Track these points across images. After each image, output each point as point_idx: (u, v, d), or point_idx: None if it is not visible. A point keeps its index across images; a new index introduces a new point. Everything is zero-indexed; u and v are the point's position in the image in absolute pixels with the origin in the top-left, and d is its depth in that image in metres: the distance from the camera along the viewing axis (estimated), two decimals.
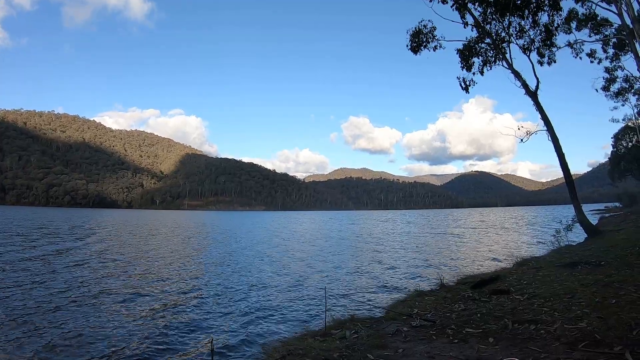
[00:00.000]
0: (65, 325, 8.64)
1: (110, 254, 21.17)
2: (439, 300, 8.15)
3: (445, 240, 30.80)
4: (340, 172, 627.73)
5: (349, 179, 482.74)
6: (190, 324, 9.00)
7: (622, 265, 9.01)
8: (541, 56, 20.43)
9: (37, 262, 17.40)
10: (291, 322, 9.30)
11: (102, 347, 7.38)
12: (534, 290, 7.72)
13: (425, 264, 18.36)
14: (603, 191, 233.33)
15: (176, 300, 11.31)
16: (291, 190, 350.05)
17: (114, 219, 76.12)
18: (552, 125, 18.33)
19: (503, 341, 5.10)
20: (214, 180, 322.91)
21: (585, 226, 18.19)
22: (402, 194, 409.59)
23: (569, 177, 18.56)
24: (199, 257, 21.34)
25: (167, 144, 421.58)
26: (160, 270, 16.58)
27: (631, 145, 54.16)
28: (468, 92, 21.16)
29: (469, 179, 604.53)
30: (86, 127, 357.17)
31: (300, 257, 21.58)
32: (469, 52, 20.61)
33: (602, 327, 4.88)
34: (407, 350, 5.20)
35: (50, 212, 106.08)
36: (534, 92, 18.78)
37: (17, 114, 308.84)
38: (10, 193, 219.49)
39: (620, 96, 28.57)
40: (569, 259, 11.43)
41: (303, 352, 5.43)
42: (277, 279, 14.85)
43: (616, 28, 21.09)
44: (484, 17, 19.86)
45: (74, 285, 12.74)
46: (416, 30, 20.35)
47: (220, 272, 16.51)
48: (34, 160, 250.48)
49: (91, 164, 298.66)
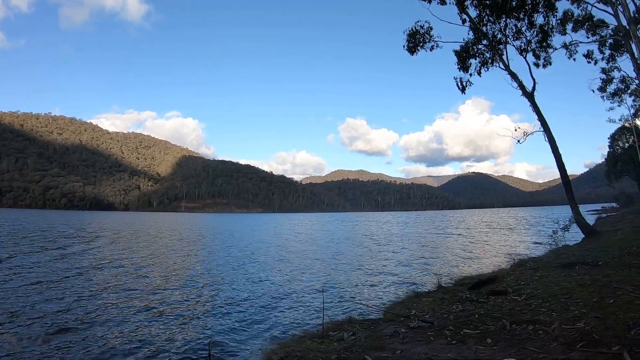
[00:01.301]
0: (61, 325, 8.58)
1: (108, 257, 21.08)
2: (437, 302, 8.13)
3: (443, 241, 30.82)
4: (337, 174, 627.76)
5: (346, 180, 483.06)
6: (188, 327, 8.95)
7: (620, 265, 9.03)
8: (537, 58, 20.52)
9: (39, 265, 17.32)
10: (289, 324, 9.27)
11: (98, 350, 7.34)
12: (531, 291, 7.71)
13: (422, 265, 18.36)
14: (600, 192, 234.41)
15: (173, 302, 11.27)
16: (288, 192, 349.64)
17: (113, 222, 75.82)
18: (549, 126, 18.39)
19: (501, 342, 5.09)
20: (211, 182, 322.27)
21: (582, 226, 18.22)
22: (399, 196, 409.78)
23: (565, 177, 18.61)
24: (196, 259, 21.28)
25: (164, 146, 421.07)
26: (158, 273, 16.52)
27: (628, 145, 54.37)
28: (465, 92, 21.26)
29: (466, 180, 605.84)
30: (83, 129, 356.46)
31: (297, 259, 21.54)
32: (466, 53, 20.67)
33: (600, 327, 4.87)
34: (405, 352, 5.18)
35: (48, 215, 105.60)
36: (531, 93, 18.83)
37: (14, 116, 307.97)
38: (7, 195, 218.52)
39: (616, 97, 28.67)
40: (566, 259, 11.44)
41: (301, 354, 5.40)
42: (275, 281, 14.81)
43: (612, 29, 21.20)
44: (479, 19, 19.93)
45: (74, 286, 12.68)
46: (413, 30, 20.40)
47: (217, 274, 16.45)
48: (31, 163, 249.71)
49: (88, 167, 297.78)
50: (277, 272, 17.12)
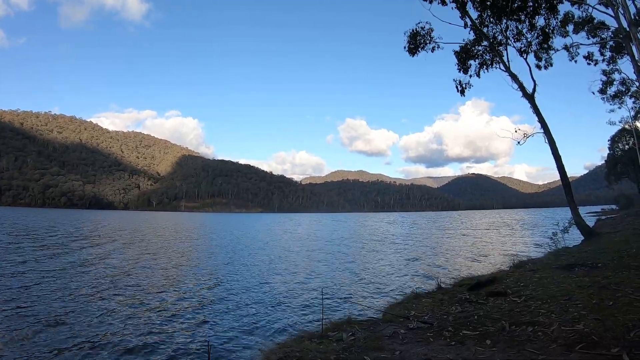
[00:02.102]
0: (59, 323, 8.58)
1: (106, 258, 21.10)
2: (436, 302, 8.12)
3: (442, 242, 30.83)
4: (337, 174, 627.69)
5: (346, 181, 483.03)
6: (187, 326, 8.95)
7: (619, 267, 9.03)
8: (538, 59, 20.51)
9: (38, 264, 17.31)
10: (288, 324, 9.27)
11: (97, 348, 7.33)
12: (531, 292, 7.70)
13: (421, 265, 18.37)
14: (600, 193, 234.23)
15: (173, 303, 11.26)
16: (288, 192, 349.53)
17: (112, 221, 75.80)
18: (549, 128, 18.38)
19: (500, 343, 5.08)
20: (210, 182, 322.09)
21: (581, 228, 18.21)
22: (398, 196, 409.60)
23: (565, 179, 18.60)
24: (195, 259, 21.27)
25: (163, 145, 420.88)
26: (157, 272, 16.53)
27: (628, 147, 54.38)
28: (464, 94, 21.25)
29: (465, 182, 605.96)
30: (83, 128, 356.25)
31: (297, 259, 21.54)
32: (466, 54, 20.66)
33: (600, 329, 4.87)
34: (404, 353, 5.17)
35: (48, 214, 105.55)
36: (531, 94, 18.82)
37: (13, 114, 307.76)
38: (6, 194, 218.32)
39: (617, 99, 28.68)
40: (566, 261, 11.43)
41: (300, 354, 5.39)
42: (274, 281, 14.81)
43: (613, 31, 21.18)
44: (480, 20, 19.93)
45: (73, 285, 12.68)
46: (413, 31, 20.39)
47: (218, 274, 16.46)
48: (31, 161, 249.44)
49: (88, 165, 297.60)
50: (276, 272, 17.11)
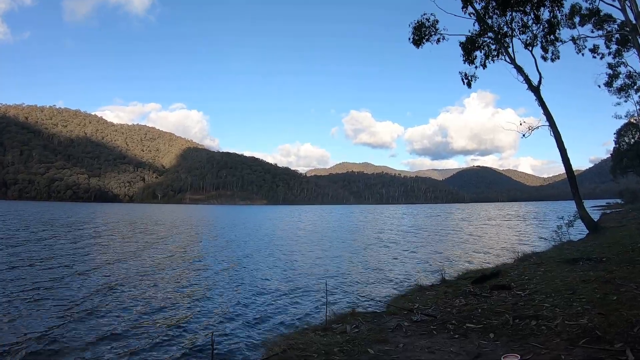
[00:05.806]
0: (61, 318, 8.68)
1: (105, 251, 21.27)
2: (440, 295, 8.16)
3: (446, 235, 30.81)
4: (341, 167, 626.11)
5: (351, 173, 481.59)
6: (191, 318, 9.03)
7: (624, 261, 9.01)
8: (545, 52, 20.28)
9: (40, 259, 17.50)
10: (292, 316, 9.33)
11: (100, 343, 7.39)
12: (535, 286, 7.72)
13: (425, 258, 18.39)
14: (605, 187, 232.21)
15: (176, 294, 11.36)
16: (293, 185, 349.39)
17: (120, 213, 76.25)
18: (555, 121, 18.26)
19: (504, 337, 5.11)
20: (215, 174, 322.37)
21: (586, 222, 18.16)
22: (403, 189, 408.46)
23: (570, 172, 18.51)
24: (200, 251, 21.39)
25: (168, 138, 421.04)
26: (160, 265, 16.64)
27: (633, 141, 53.85)
28: (470, 87, 21.19)
29: (470, 174, 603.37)
30: (87, 121, 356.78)
31: (301, 251, 21.62)
32: (472, 46, 20.48)
33: (603, 324, 4.88)
34: (407, 345, 5.22)
35: (55, 207, 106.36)
36: (537, 87, 18.68)
37: (18, 108, 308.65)
38: (12, 188, 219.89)
39: (622, 92, 28.32)
40: (570, 255, 11.42)
41: (304, 346, 5.45)
42: (278, 273, 14.88)
43: (619, 24, 20.89)
44: (485, 11, 19.73)
45: (75, 279, 12.82)
46: (418, 23, 20.24)
47: (222, 266, 16.55)
48: (36, 155, 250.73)
49: (93, 159, 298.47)
50: (280, 264, 17.19)
